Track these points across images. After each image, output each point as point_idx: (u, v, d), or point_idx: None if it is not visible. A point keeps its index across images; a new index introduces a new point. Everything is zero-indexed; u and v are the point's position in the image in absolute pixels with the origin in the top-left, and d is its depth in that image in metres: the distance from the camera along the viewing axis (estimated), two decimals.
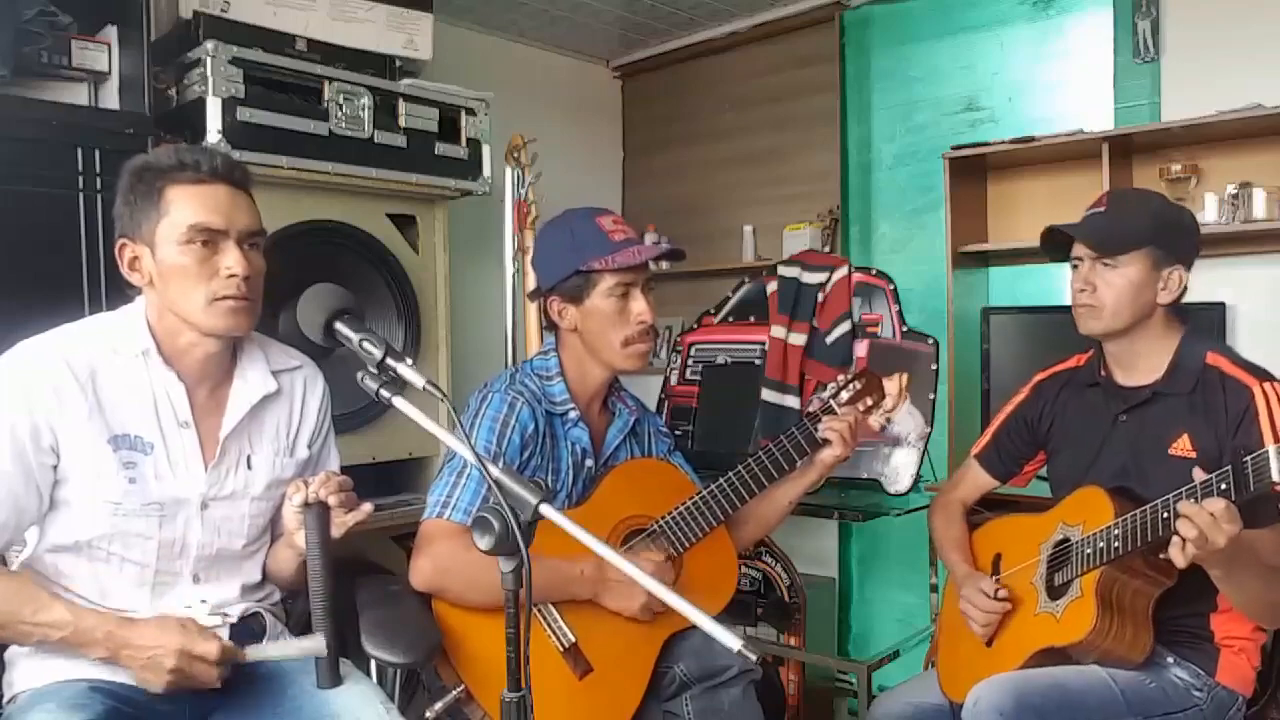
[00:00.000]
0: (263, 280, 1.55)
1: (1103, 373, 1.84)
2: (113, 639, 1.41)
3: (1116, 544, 1.60)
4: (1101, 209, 1.75)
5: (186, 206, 1.46)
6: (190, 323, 1.49)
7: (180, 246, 1.45)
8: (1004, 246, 2.99)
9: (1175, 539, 1.47)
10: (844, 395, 1.97)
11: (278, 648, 1.52)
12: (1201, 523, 1.42)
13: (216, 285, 1.47)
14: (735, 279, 3.08)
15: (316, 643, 1.42)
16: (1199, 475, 1.49)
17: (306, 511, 1.46)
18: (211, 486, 1.54)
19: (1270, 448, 1.40)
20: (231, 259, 1.47)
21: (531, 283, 2.81)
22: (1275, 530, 1.58)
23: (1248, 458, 1.43)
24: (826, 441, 1.92)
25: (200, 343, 1.52)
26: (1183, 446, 1.68)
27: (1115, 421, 1.78)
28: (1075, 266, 1.77)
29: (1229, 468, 1.45)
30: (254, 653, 1.49)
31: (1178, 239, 1.73)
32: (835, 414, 1.94)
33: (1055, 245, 1.81)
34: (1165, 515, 1.53)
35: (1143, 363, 1.76)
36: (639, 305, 1.85)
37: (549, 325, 1.95)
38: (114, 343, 1.49)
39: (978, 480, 2.05)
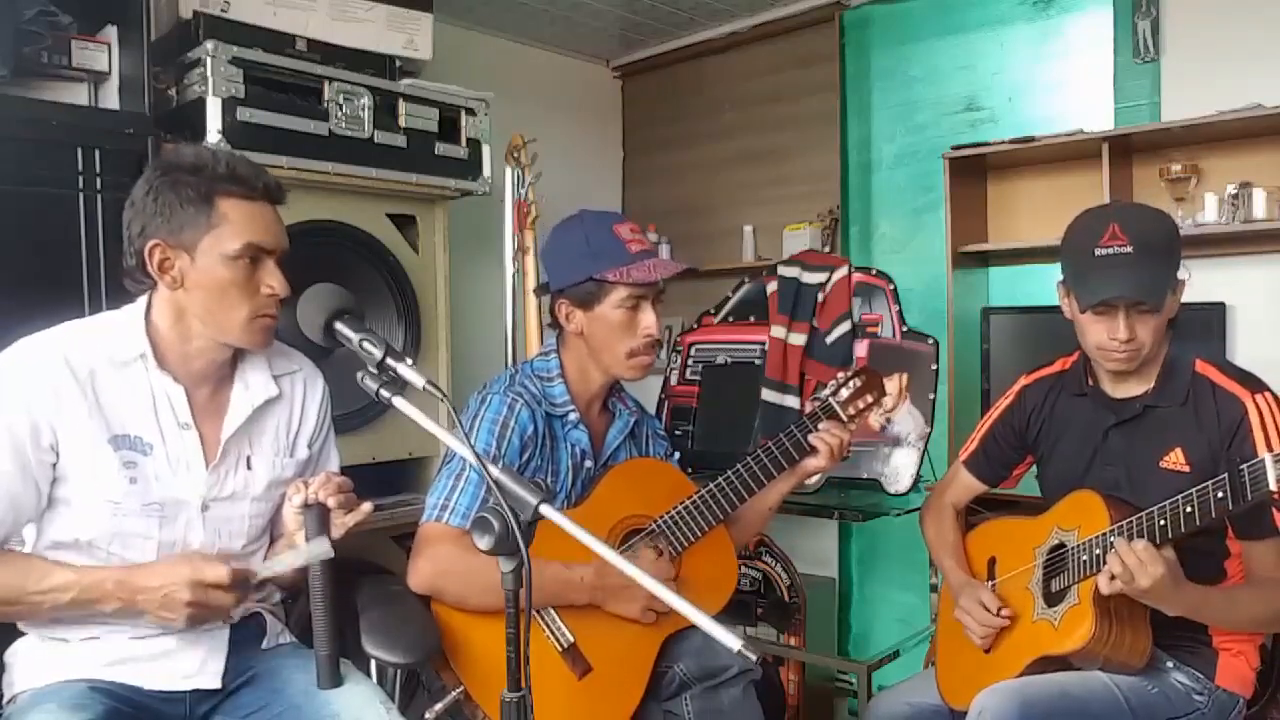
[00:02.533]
0: None
1: (1090, 382, 1.81)
2: (123, 586, 1.42)
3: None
4: (1126, 248, 1.61)
5: (242, 223, 1.47)
6: (223, 335, 1.51)
7: (228, 261, 1.46)
8: (1004, 246, 2.98)
9: (1104, 570, 1.53)
10: (844, 393, 1.97)
11: (286, 560, 1.50)
12: (1129, 562, 1.49)
13: (259, 303, 1.50)
14: (735, 279, 3.08)
15: (322, 546, 1.42)
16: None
17: (306, 512, 1.46)
18: (212, 488, 1.54)
19: (1266, 456, 1.41)
20: (275, 280, 1.51)
21: (532, 282, 2.84)
22: (1224, 593, 1.63)
23: (1244, 466, 1.44)
24: (813, 448, 1.91)
25: (212, 350, 1.53)
26: (1175, 460, 1.67)
27: (1106, 434, 1.76)
28: (1099, 311, 1.65)
29: (1225, 476, 1.46)
30: (264, 570, 1.50)
31: (1180, 257, 1.70)
32: (837, 416, 1.94)
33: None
34: (1162, 523, 1.53)
35: (1133, 374, 1.73)
36: (648, 318, 1.85)
37: (552, 324, 1.94)
38: (110, 349, 1.48)
39: (966, 484, 2.04)
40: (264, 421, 1.62)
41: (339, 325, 1.41)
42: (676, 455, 2.10)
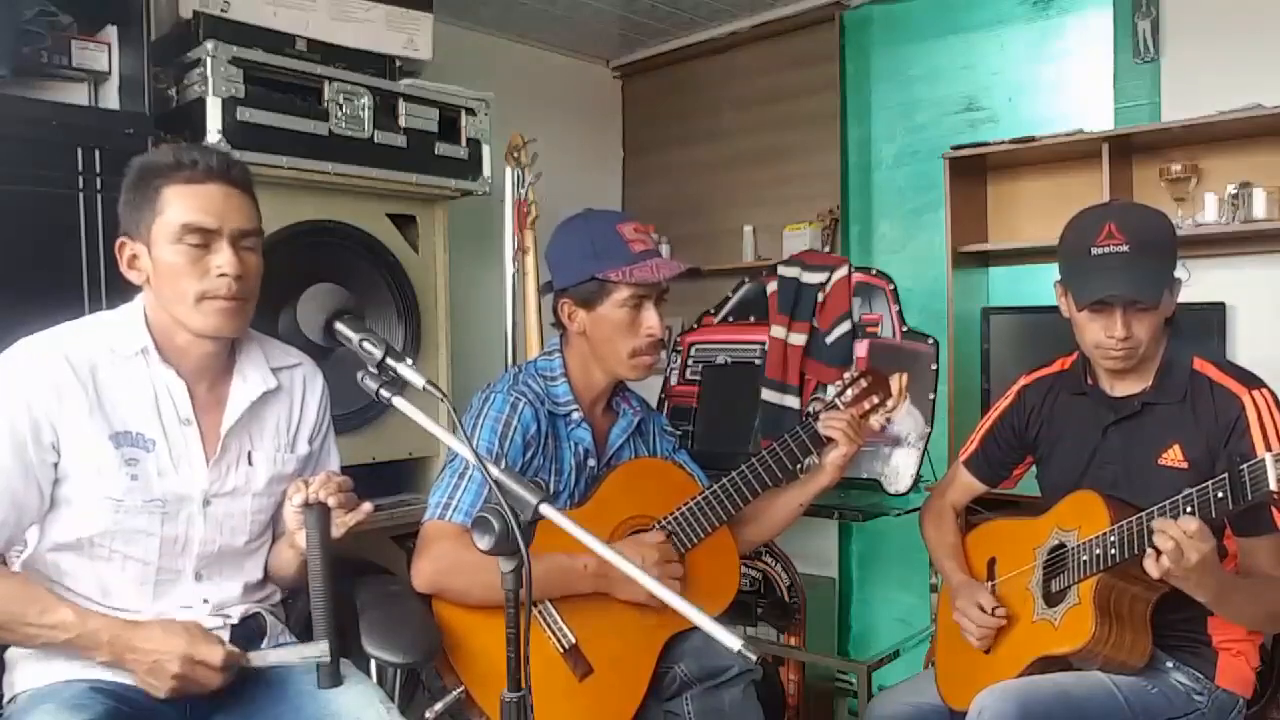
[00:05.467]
0: (259, 281, 1.55)
1: (1089, 381, 1.82)
2: (118, 642, 1.41)
3: (1113, 551, 1.59)
4: (1123, 247, 1.63)
5: (180, 205, 1.46)
6: (181, 322, 1.50)
7: (173, 245, 1.46)
8: (1004, 246, 2.98)
9: (1150, 551, 1.49)
10: (848, 394, 1.97)
11: (280, 654, 1.51)
12: (1177, 536, 1.44)
13: (207, 284, 1.47)
14: (735, 279, 3.08)
15: (320, 649, 1.42)
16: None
17: (307, 512, 1.46)
18: (213, 483, 1.54)
19: (1267, 455, 1.40)
20: (223, 258, 1.47)
21: (532, 283, 2.84)
22: (1248, 580, 1.61)
23: (1244, 465, 1.43)
24: (831, 440, 1.91)
25: (196, 342, 1.52)
26: (1173, 456, 1.68)
27: (1105, 432, 1.77)
28: (1095, 309, 1.67)
29: (1225, 475, 1.45)
30: (257, 658, 1.50)
31: (1177, 256, 1.71)
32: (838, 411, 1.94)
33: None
34: None
35: (1131, 372, 1.74)
36: (651, 318, 1.86)
37: (555, 323, 1.95)
38: (112, 342, 1.49)
39: (967, 485, 2.04)
40: (264, 416, 1.62)
41: (339, 325, 1.41)
42: (684, 453, 2.10)
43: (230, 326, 1.51)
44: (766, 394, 2.80)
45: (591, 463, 1.90)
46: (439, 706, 1.69)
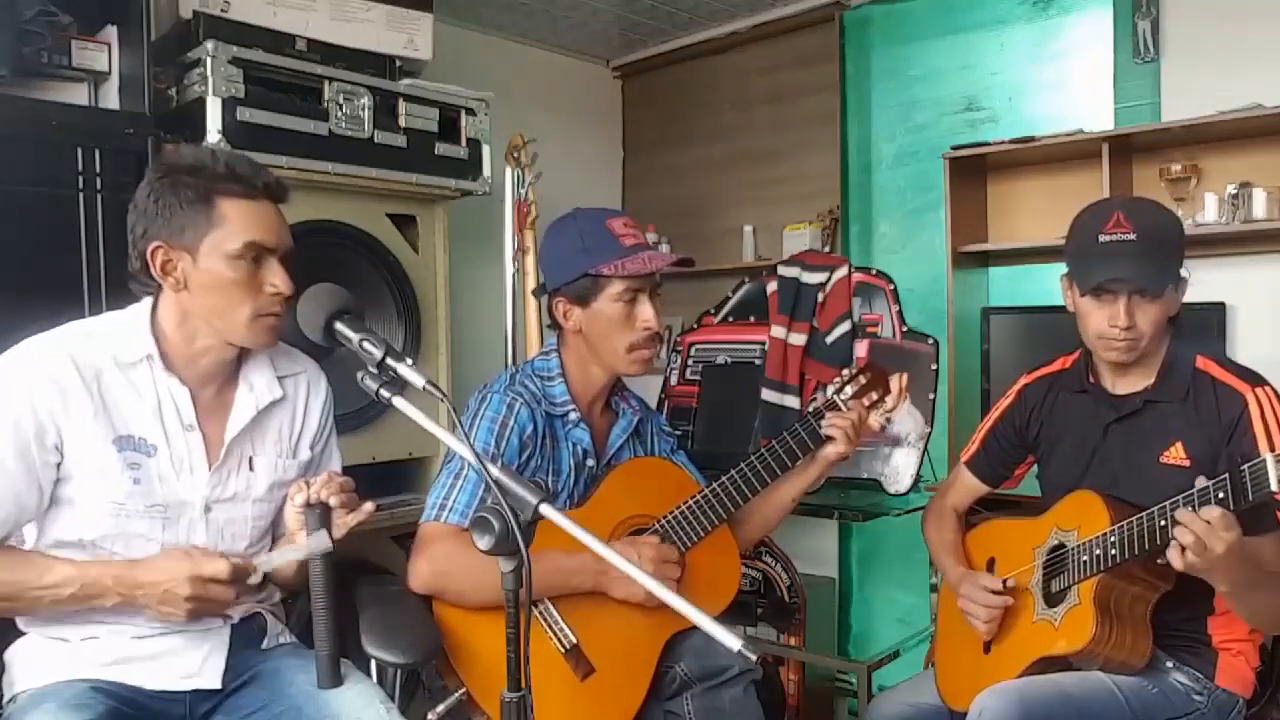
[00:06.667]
0: None
1: (1091, 379, 1.82)
2: (123, 581, 1.42)
3: (1114, 551, 1.58)
4: (1130, 236, 1.63)
5: (243, 222, 1.46)
6: (228, 335, 1.50)
7: (231, 261, 1.46)
8: (1004, 246, 2.98)
9: (1174, 544, 1.47)
10: (849, 390, 1.97)
11: (285, 553, 1.51)
12: (1198, 529, 1.43)
13: (263, 302, 1.50)
14: (735, 279, 3.08)
15: (321, 541, 1.43)
16: (1200, 483, 1.48)
17: (308, 512, 1.47)
18: (214, 489, 1.54)
19: (1268, 456, 1.40)
20: (279, 278, 1.50)
21: (532, 282, 2.84)
22: (1276, 539, 1.58)
23: (1245, 466, 1.43)
24: (829, 438, 1.91)
25: (217, 349, 1.53)
26: (1175, 455, 1.67)
27: (1106, 430, 1.76)
28: (1099, 297, 1.67)
29: (1226, 476, 1.45)
30: (264, 564, 1.51)
31: (1184, 254, 1.71)
32: (839, 409, 1.94)
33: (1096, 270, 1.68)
34: (1163, 523, 1.52)
35: (1134, 369, 1.74)
36: (646, 312, 1.85)
37: (552, 324, 1.94)
38: (115, 349, 1.48)
39: (969, 485, 2.04)
40: (267, 423, 1.62)
41: (339, 325, 1.41)
42: (682, 454, 2.10)
43: (273, 340, 1.56)
44: (766, 394, 2.80)
45: (590, 463, 1.90)
46: (440, 709, 1.70)
